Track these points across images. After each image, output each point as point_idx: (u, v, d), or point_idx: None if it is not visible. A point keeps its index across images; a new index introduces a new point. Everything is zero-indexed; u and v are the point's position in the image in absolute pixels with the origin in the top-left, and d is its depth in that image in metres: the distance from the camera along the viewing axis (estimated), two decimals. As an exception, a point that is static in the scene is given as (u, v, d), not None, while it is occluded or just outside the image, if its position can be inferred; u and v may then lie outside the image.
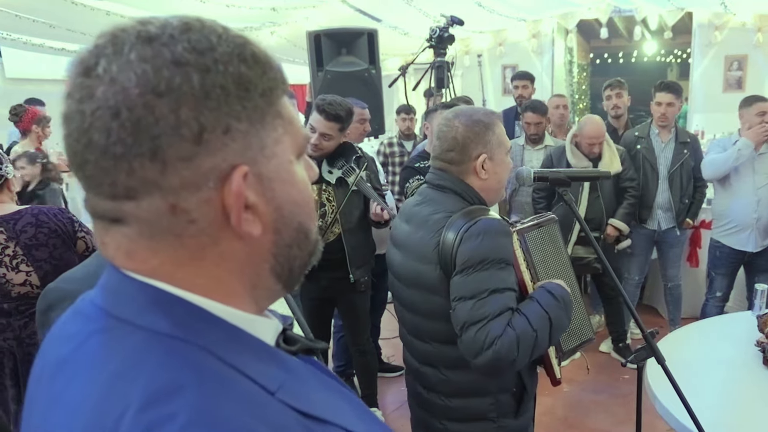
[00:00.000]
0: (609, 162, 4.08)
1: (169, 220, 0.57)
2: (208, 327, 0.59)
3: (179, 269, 0.59)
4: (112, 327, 0.59)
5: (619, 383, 4.12)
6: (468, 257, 1.70)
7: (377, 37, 4.61)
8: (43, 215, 2.35)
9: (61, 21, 5.78)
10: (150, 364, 0.54)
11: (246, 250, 0.61)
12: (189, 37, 0.57)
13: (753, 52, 8.37)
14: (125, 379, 0.54)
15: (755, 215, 3.94)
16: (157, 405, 0.51)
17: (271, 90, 0.61)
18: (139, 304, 0.59)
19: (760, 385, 2.35)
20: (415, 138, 5.82)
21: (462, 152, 1.83)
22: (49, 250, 2.32)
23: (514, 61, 9.69)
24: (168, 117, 0.54)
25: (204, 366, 0.55)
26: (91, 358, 0.58)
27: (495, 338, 1.64)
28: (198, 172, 0.56)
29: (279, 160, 0.62)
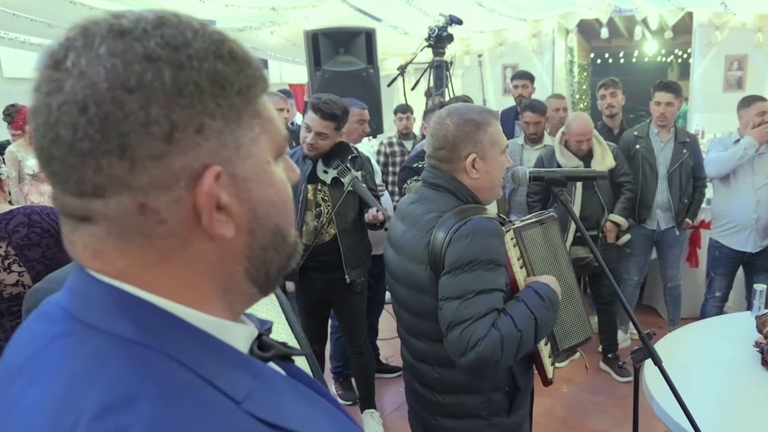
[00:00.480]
0: (601, 158, 4.05)
1: (137, 219, 0.55)
2: (174, 332, 0.56)
3: (148, 271, 0.57)
4: (76, 330, 0.56)
5: (618, 384, 4.11)
6: (456, 258, 1.70)
7: (375, 36, 4.60)
8: (35, 215, 2.32)
9: (59, 20, 5.76)
10: (108, 370, 0.52)
11: (218, 252, 0.59)
12: (163, 32, 0.54)
13: (753, 52, 8.36)
14: (82, 386, 0.52)
15: (754, 215, 3.93)
16: (111, 415, 0.49)
17: (248, 88, 0.59)
18: (105, 307, 0.56)
19: (758, 385, 2.33)
20: (414, 137, 5.81)
21: (452, 151, 1.83)
22: (41, 250, 2.29)
23: (515, 61, 9.68)
24: (138, 114, 0.52)
25: (165, 374, 0.53)
26: (51, 363, 0.55)
27: (479, 339, 1.64)
28: (168, 172, 0.54)
29: (256, 160, 0.60)
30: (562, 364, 4.31)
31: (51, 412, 0.52)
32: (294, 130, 4.38)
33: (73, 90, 0.52)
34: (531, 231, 1.93)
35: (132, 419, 0.49)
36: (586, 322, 2.12)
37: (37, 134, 0.55)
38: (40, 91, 0.54)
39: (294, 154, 3.30)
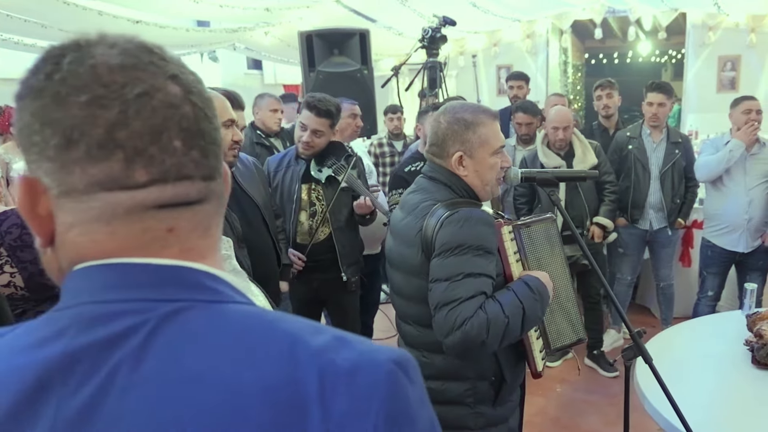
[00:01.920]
0: (582, 156, 4.06)
1: (221, 196, 0.69)
2: (227, 287, 0.66)
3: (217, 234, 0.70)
4: (180, 308, 0.61)
5: (610, 383, 4.13)
6: (446, 241, 1.75)
7: (369, 37, 4.61)
8: None
9: (53, 21, 5.76)
10: (286, 327, 0.63)
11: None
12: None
13: (746, 52, 8.40)
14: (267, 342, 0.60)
15: (746, 216, 3.96)
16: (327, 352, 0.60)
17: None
18: (181, 283, 0.63)
19: (748, 383, 2.35)
20: (404, 138, 5.82)
21: (441, 147, 1.91)
22: (34, 251, 2.29)
23: (509, 62, 9.70)
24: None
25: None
26: (191, 334, 0.60)
27: (466, 319, 1.68)
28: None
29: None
30: (555, 364, 4.34)
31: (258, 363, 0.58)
32: (289, 131, 4.40)
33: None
34: (532, 229, 1.97)
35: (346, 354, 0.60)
36: (580, 324, 2.14)
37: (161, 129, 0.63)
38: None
39: (287, 155, 3.31)
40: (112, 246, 0.61)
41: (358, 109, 3.86)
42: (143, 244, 0.62)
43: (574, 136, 4.12)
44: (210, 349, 0.58)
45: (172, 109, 0.61)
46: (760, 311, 2.65)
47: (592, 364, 4.39)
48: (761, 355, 2.40)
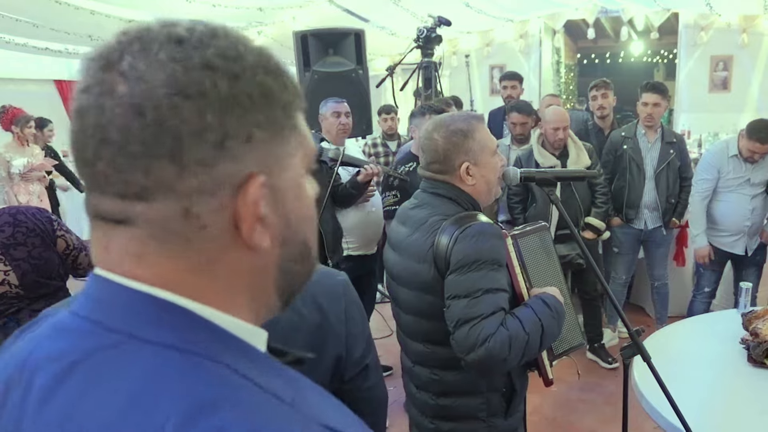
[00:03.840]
0: (576, 158, 4.08)
1: (180, 224, 0.55)
2: (215, 339, 0.57)
3: (188, 276, 0.57)
4: (118, 342, 0.55)
5: (606, 382, 4.13)
6: (463, 256, 1.73)
7: (364, 37, 4.60)
8: (21, 214, 2.33)
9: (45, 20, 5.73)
10: (173, 380, 0.52)
11: (253, 261, 0.60)
12: (217, 43, 0.56)
13: (738, 52, 8.44)
14: (149, 398, 0.51)
15: (748, 223, 3.98)
16: (199, 419, 0.49)
17: (289, 103, 0.61)
18: (144, 316, 0.56)
19: (744, 381, 2.36)
20: (399, 138, 5.82)
21: (445, 163, 1.87)
22: (27, 249, 2.29)
23: (502, 62, 9.73)
24: (193, 120, 0.53)
25: (229, 380, 0.53)
26: (102, 377, 0.53)
27: (488, 336, 1.67)
28: (215, 178, 0.55)
29: (292, 173, 0.61)
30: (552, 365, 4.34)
31: (127, 421, 0.51)
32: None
33: (129, 93, 0.53)
34: (528, 239, 1.96)
35: (223, 423, 0.49)
36: (578, 329, 2.16)
37: (81, 135, 0.55)
38: (90, 92, 0.55)
39: None
40: (94, 253, 0.60)
41: (344, 107, 3.75)
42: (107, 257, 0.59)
43: (569, 139, 4.14)
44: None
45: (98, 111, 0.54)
46: (755, 310, 2.66)
47: (593, 356, 4.44)
48: (757, 353, 2.41)
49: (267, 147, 0.58)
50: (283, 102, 0.60)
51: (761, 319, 2.53)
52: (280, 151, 0.59)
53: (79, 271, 2.49)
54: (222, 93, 0.54)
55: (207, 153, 0.54)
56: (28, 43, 6.64)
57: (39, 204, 5.28)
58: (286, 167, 0.60)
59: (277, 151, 0.59)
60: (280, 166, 0.59)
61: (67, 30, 6.09)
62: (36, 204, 5.17)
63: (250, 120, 0.56)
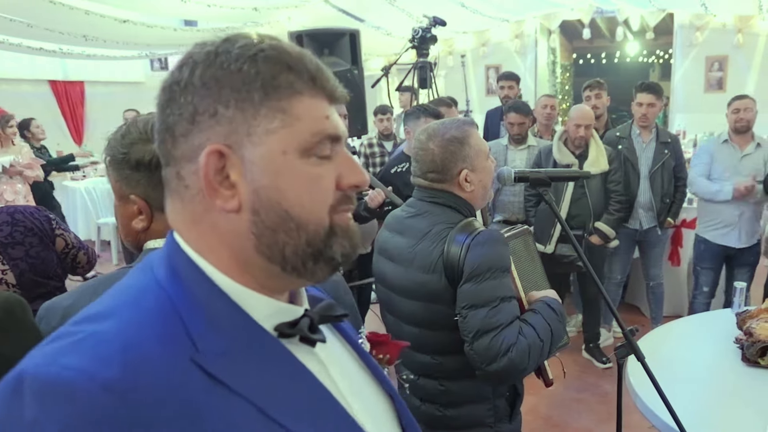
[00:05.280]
0: (595, 159, 4.10)
1: (176, 183, 0.71)
2: (192, 281, 0.69)
3: (185, 228, 0.72)
4: (144, 267, 0.72)
5: (601, 382, 4.14)
6: (478, 264, 1.72)
7: (359, 37, 4.59)
8: (18, 214, 2.33)
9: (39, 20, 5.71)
10: (123, 297, 0.68)
11: (228, 223, 0.69)
12: (221, 44, 0.70)
13: (733, 52, 8.46)
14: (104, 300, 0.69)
15: (738, 211, 4.02)
16: (88, 322, 0.64)
17: (274, 87, 0.69)
18: (163, 252, 0.73)
19: (738, 381, 2.36)
20: (394, 138, 5.82)
21: (443, 172, 1.85)
22: (25, 248, 2.30)
23: (498, 62, 9.74)
24: (179, 101, 0.68)
25: (150, 311, 0.65)
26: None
27: (510, 346, 1.67)
28: (192, 147, 0.68)
29: (266, 148, 0.68)
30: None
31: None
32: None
33: (159, 91, 0.72)
34: (513, 243, 1.96)
35: (94, 328, 0.62)
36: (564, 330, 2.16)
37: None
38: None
39: None
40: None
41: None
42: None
43: (592, 140, 4.16)
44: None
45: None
46: (749, 309, 2.67)
47: (589, 356, 4.47)
48: (751, 352, 2.42)
49: (234, 122, 0.68)
50: (268, 86, 0.68)
51: (755, 319, 2.53)
52: (251, 128, 0.68)
53: (78, 270, 2.49)
54: (195, 80, 0.68)
55: (185, 127, 0.68)
56: (22, 43, 6.62)
57: (25, 204, 5.26)
58: (258, 143, 0.68)
59: (245, 127, 0.68)
60: (252, 141, 0.68)
61: (61, 30, 6.07)
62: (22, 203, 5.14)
63: (216, 99, 0.67)
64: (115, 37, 6.61)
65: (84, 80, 9.53)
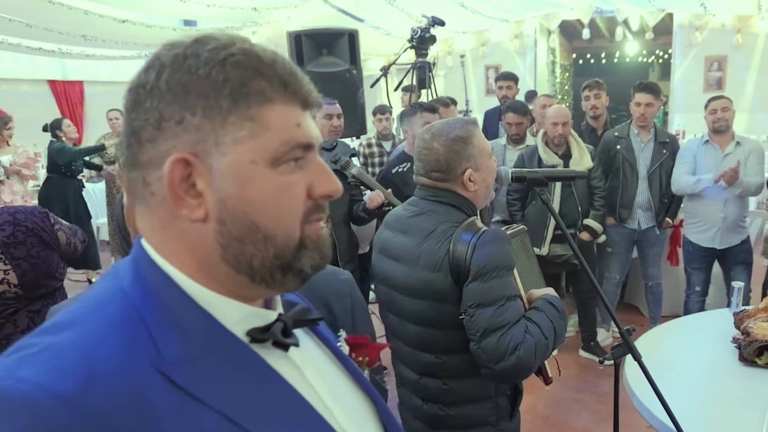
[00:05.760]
0: (579, 158, 4.11)
1: (141, 189, 0.68)
2: (158, 286, 0.67)
3: (153, 234, 0.70)
4: (112, 275, 0.71)
5: (600, 382, 4.14)
6: (485, 263, 1.72)
7: (358, 37, 4.60)
8: (20, 214, 2.34)
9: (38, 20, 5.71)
10: (82, 309, 0.65)
11: (194, 232, 0.67)
12: (190, 46, 0.67)
13: (732, 52, 8.46)
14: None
15: (722, 215, 4.03)
16: (45, 333, 0.62)
17: (244, 95, 0.66)
18: (131, 257, 0.71)
19: (735, 380, 2.36)
20: (393, 138, 5.82)
21: (447, 171, 1.85)
22: (26, 248, 2.30)
23: (497, 62, 9.74)
24: (144, 105, 0.66)
25: (111, 321, 0.63)
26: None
27: (518, 344, 1.67)
28: (158, 153, 0.65)
29: (234, 157, 0.66)
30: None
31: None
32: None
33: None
34: (511, 241, 1.95)
35: (51, 340, 0.60)
36: None
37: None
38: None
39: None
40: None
41: (336, 110, 3.74)
42: None
43: (572, 139, 4.18)
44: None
45: None
46: (747, 309, 2.67)
47: (588, 354, 4.47)
48: (748, 352, 2.42)
49: (201, 130, 0.65)
50: (237, 93, 0.66)
51: (753, 318, 2.53)
52: (219, 137, 0.65)
53: (78, 255, 2.52)
54: (161, 84, 0.65)
55: (151, 133, 0.66)
56: (21, 43, 6.62)
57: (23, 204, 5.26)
58: (226, 152, 0.66)
59: (214, 135, 0.65)
60: (220, 150, 0.66)
61: (60, 30, 6.07)
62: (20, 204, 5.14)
63: (182, 105, 0.65)
64: (115, 37, 6.62)
65: (83, 80, 9.54)
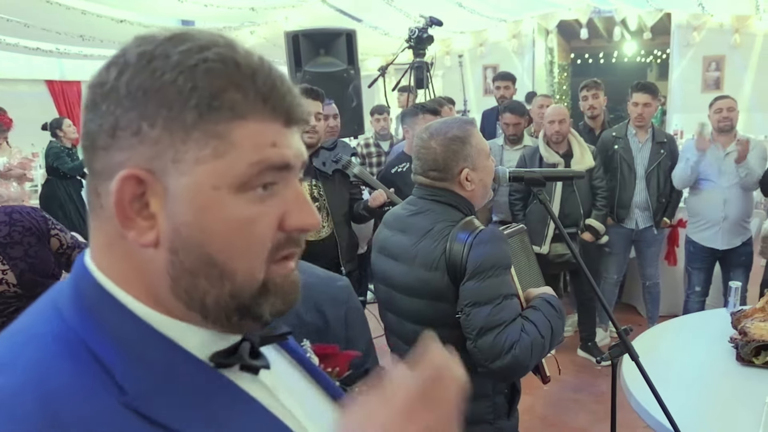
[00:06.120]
0: (580, 157, 4.12)
1: (94, 200, 0.61)
2: (104, 312, 0.59)
3: (98, 250, 0.62)
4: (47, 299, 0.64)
5: (598, 381, 4.14)
6: (481, 262, 1.73)
7: (356, 37, 4.60)
8: (16, 213, 2.34)
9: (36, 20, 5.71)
10: (18, 340, 0.59)
11: (142, 257, 0.59)
12: (160, 45, 0.58)
13: (730, 52, 8.47)
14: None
15: (722, 214, 4.03)
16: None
17: (213, 108, 0.57)
18: (71, 278, 0.64)
19: (732, 380, 2.36)
20: (391, 138, 5.81)
21: (444, 171, 1.86)
22: (24, 248, 2.31)
23: (495, 62, 9.74)
24: (100, 107, 0.57)
25: (56, 358, 0.55)
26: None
27: (513, 343, 1.68)
28: (110, 164, 0.57)
29: (194, 179, 0.57)
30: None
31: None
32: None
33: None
34: (510, 241, 1.96)
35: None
36: None
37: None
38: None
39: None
40: None
41: (332, 109, 3.75)
42: None
43: (572, 138, 4.18)
44: None
45: None
46: (744, 309, 2.67)
47: (586, 354, 4.47)
48: (745, 352, 2.42)
49: (159, 144, 0.56)
50: (204, 105, 0.56)
51: (750, 318, 2.53)
52: (178, 154, 0.56)
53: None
54: (120, 86, 0.56)
55: (105, 140, 0.57)
56: (19, 43, 6.61)
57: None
58: (185, 171, 0.57)
59: (173, 151, 0.56)
60: (178, 168, 0.57)
61: (58, 30, 6.07)
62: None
63: (141, 114, 0.56)
64: (112, 37, 6.60)
65: (81, 80, 9.50)
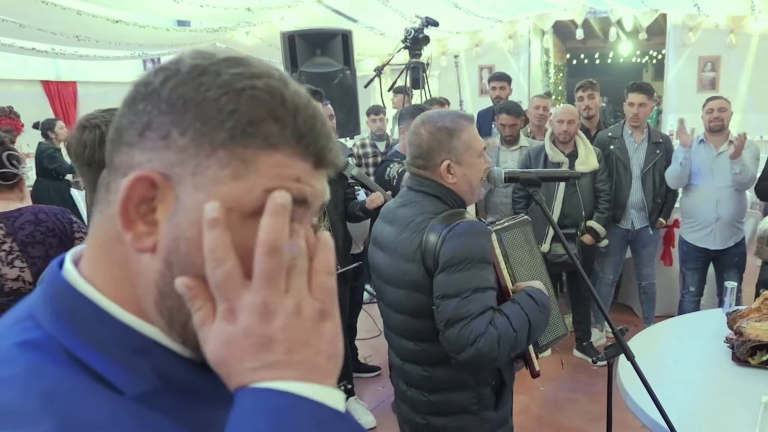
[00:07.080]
0: (585, 158, 4.14)
1: (103, 193, 0.61)
2: (88, 319, 0.58)
3: (91, 249, 0.62)
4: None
5: (593, 381, 4.14)
6: (452, 256, 1.75)
7: (352, 38, 4.60)
8: (43, 214, 2.36)
9: (31, 20, 5.69)
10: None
11: (137, 264, 0.58)
12: (219, 63, 0.58)
13: (726, 53, 8.48)
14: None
15: (715, 215, 4.05)
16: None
17: (247, 134, 0.56)
18: (48, 286, 0.63)
19: (728, 380, 2.37)
20: (387, 138, 5.81)
21: (427, 158, 1.88)
22: (44, 248, 2.32)
23: (491, 62, 9.75)
24: (137, 106, 0.58)
25: (35, 367, 0.54)
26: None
27: (478, 336, 1.70)
28: (130, 161, 0.57)
29: (207, 197, 0.55)
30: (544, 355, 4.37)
31: None
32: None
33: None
34: (511, 233, 1.98)
35: None
36: (561, 320, 2.18)
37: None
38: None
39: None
40: None
41: (327, 110, 3.73)
42: None
43: (579, 139, 4.20)
44: None
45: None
46: (740, 309, 2.68)
47: (581, 354, 4.48)
48: (741, 352, 2.42)
49: (183, 154, 0.56)
50: (238, 129, 0.56)
51: (745, 318, 2.54)
52: (199, 167, 0.56)
53: None
54: (163, 90, 0.57)
55: (132, 137, 0.58)
56: (14, 44, 6.60)
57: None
58: (200, 186, 0.56)
59: (194, 162, 0.56)
60: (194, 182, 0.56)
61: (53, 30, 6.05)
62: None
63: (174, 121, 0.56)
64: (108, 37, 6.60)
65: (76, 80, 9.51)
